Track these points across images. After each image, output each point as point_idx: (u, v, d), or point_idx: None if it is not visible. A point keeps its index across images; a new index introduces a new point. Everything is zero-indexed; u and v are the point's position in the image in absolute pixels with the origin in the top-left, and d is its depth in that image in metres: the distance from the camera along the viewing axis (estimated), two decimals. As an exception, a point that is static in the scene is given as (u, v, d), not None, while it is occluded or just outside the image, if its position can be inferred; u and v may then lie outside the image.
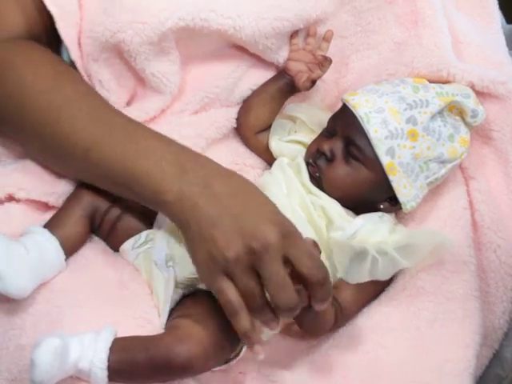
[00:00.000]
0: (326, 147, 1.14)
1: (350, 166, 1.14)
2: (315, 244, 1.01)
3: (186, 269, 1.07)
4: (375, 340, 1.10)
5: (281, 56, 1.22)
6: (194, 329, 1.01)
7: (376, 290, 1.15)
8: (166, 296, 1.08)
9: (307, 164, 1.17)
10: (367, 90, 1.17)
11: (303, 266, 0.94)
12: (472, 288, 1.15)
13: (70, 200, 1.14)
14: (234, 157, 1.24)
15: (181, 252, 1.08)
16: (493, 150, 1.23)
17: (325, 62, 1.21)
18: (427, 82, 1.19)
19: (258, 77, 1.24)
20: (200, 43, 1.18)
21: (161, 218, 1.15)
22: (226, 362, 1.07)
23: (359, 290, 1.13)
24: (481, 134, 1.22)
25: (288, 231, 0.96)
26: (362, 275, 1.09)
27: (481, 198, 1.21)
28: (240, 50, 1.21)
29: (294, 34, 1.22)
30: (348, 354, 1.09)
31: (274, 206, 0.99)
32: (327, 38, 1.23)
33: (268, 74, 1.25)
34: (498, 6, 1.32)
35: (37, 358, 0.94)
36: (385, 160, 1.12)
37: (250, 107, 1.24)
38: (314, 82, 1.21)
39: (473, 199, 1.21)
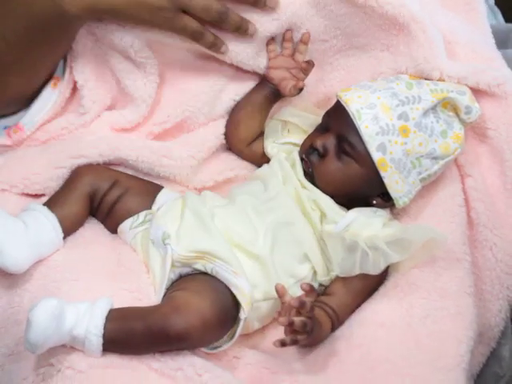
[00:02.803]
0: (318, 143, 1.15)
1: (341, 161, 1.15)
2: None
3: (184, 246, 1.09)
4: (367, 334, 1.10)
5: (260, 62, 1.23)
6: (192, 299, 1.02)
7: (368, 291, 1.15)
8: (162, 274, 1.09)
9: (301, 160, 1.18)
10: (361, 86, 1.17)
11: None
12: (465, 285, 1.15)
13: (71, 181, 1.16)
14: (224, 168, 1.27)
15: (178, 229, 1.11)
16: (489, 149, 1.22)
17: (308, 67, 1.22)
18: (422, 79, 1.19)
19: (240, 87, 1.26)
20: (176, 52, 1.21)
21: (159, 200, 1.17)
22: (220, 347, 1.08)
23: (353, 295, 1.14)
24: (477, 132, 1.22)
25: None
26: (353, 268, 1.10)
27: (477, 195, 1.20)
28: (218, 61, 1.22)
29: (269, 41, 1.23)
30: (341, 348, 1.10)
31: None
32: (304, 40, 1.22)
33: (249, 84, 1.26)
34: (483, 1, 1.30)
35: (33, 316, 0.94)
36: (376, 156, 1.12)
37: (239, 121, 1.26)
38: (301, 90, 1.21)
39: (469, 197, 1.21)
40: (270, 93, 1.24)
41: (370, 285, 1.14)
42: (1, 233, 1.03)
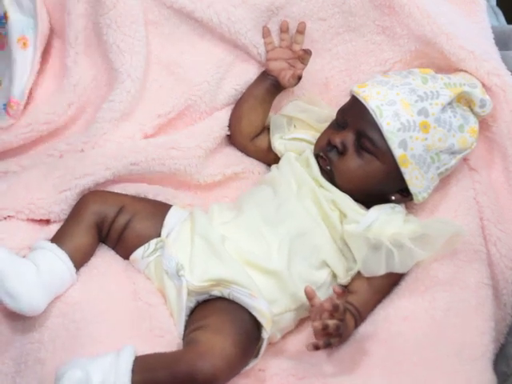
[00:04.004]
0: (337, 140, 1.14)
1: (362, 158, 1.13)
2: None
3: (198, 276, 1.06)
4: (392, 329, 1.10)
5: (259, 39, 1.23)
6: (214, 341, 1.00)
7: (390, 288, 1.14)
8: (179, 306, 1.07)
9: (317, 157, 1.17)
10: (377, 81, 1.17)
11: None
12: (483, 276, 1.15)
13: (77, 211, 1.12)
14: (231, 163, 1.26)
15: (191, 258, 1.08)
16: (493, 145, 1.24)
17: (305, 56, 1.21)
18: (433, 73, 1.19)
19: (240, 76, 1.26)
20: (171, 19, 1.21)
21: (168, 223, 1.13)
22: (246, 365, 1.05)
23: (375, 291, 1.13)
24: (481, 126, 1.23)
25: None
26: (379, 267, 1.08)
27: (481, 189, 1.21)
28: (216, 41, 1.23)
29: (265, 33, 1.24)
30: (367, 345, 1.08)
31: None
32: (301, 30, 1.24)
33: (249, 72, 1.26)
34: None
35: None
36: (397, 152, 1.11)
37: (241, 115, 1.25)
38: (299, 78, 1.21)
39: (474, 190, 1.22)
40: (270, 85, 1.24)
41: (391, 281, 1.13)
42: (14, 278, 1.01)
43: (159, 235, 1.12)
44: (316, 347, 1.01)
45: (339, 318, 1.01)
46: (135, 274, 1.12)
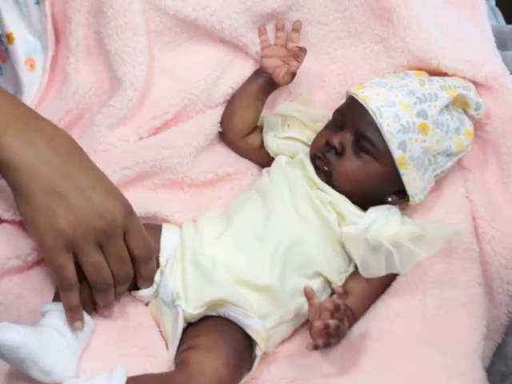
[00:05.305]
0: (335, 140, 1.14)
1: (360, 159, 1.14)
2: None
3: (193, 304, 1.06)
4: (382, 326, 1.10)
5: (257, 42, 1.24)
6: (206, 362, 0.99)
7: (385, 288, 1.15)
8: (174, 333, 1.06)
9: (314, 157, 1.16)
10: (375, 83, 1.17)
11: (135, 243, 1.03)
12: (474, 275, 1.16)
13: None
14: (224, 163, 1.25)
15: (184, 287, 1.08)
16: (486, 143, 1.24)
17: (300, 53, 1.21)
18: (428, 75, 1.20)
19: (238, 75, 1.25)
20: (173, 39, 1.21)
21: (165, 248, 1.12)
22: None
23: (370, 292, 1.13)
24: (475, 126, 1.23)
25: (130, 209, 1.03)
26: (379, 269, 1.08)
27: (474, 188, 1.22)
28: (216, 48, 1.23)
29: (261, 31, 1.24)
30: (358, 343, 1.09)
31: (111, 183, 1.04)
32: (296, 29, 1.24)
33: (246, 71, 1.26)
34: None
35: None
36: (397, 154, 1.12)
37: (234, 112, 1.24)
38: (293, 75, 1.21)
39: (466, 189, 1.23)
40: (264, 82, 1.23)
41: (386, 281, 1.13)
42: (45, 356, 0.96)
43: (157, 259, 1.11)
44: (315, 347, 1.01)
45: (339, 318, 1.02)
46: (124, 297, 1.10)
